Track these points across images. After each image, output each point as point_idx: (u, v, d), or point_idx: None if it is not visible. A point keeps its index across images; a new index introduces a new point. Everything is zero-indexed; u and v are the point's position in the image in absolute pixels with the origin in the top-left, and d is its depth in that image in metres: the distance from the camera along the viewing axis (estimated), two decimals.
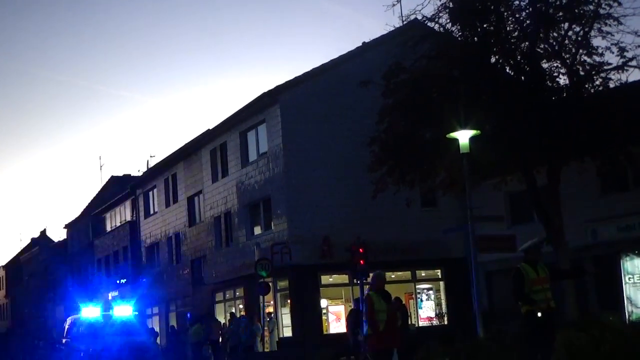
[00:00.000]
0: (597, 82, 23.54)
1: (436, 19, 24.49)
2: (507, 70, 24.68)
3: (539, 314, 12.63)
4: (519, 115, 22.63)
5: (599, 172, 26.38)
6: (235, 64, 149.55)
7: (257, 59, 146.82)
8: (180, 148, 45.59)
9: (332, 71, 35.45)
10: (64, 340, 30.24)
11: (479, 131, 21.20)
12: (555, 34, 23.77)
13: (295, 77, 35.36)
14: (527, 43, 23.97)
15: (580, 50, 23.40)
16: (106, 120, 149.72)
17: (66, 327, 30.57)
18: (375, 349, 14.04)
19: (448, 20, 24.32)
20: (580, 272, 17.92)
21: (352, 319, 23.93)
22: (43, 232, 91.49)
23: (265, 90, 35.41)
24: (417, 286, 36.87)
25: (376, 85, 24.94)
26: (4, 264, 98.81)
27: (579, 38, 23.45)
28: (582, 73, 23.49)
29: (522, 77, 24.17)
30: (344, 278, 33.90)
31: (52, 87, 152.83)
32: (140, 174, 57.32)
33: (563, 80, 24.12)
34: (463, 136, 20.99)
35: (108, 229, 62.47)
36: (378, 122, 25.04)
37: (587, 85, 23.64)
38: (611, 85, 23.48)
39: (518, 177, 24.87)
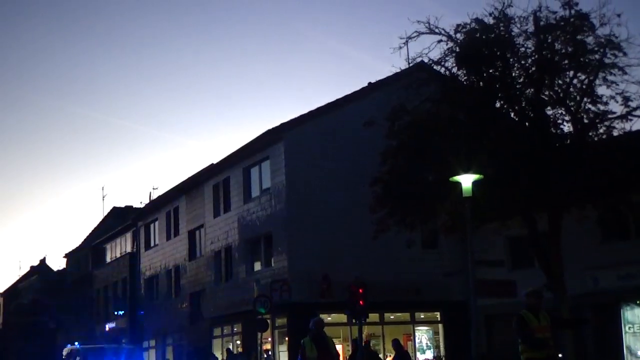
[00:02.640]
0: (601, 131, 23.60)
1: (442, 63, 24.61)
2: (512, 116, 24.77)
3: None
4: (522, 161, 22.69)
5: (601, 219, 26.38)
6: (241, 100, 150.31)
7: (263, 97, 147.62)
8: (183, 181, 45.72)
9: (337, 111, 35.65)
10: None
11: (481, 175, 21.22)
12: (560, 82, 23.88)
13: (301, 116, 35.57)
14: (532, 89, 24.07)
15: (585, 99, 23.50)
16: (110, 151, 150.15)
17: (63, 357, 30.45)
18: None
19: (454, 64, 24.43)
20: (582, 322, 17.85)
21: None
22: (42, 261, 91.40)
23: (270, 127, 35.66)
24: (416, 328, 36.73)
25: (380, 126, 25.05)
26: (1, 291, 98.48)
27: (584, 86, 23.56)
28: (586, 121, 23.55)
29: (527, 123, 24.24)
30: (342, 317, 33.68)
31: (56, 116, 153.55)
32: (142, 205, 57.42)
33: (567, 127, 24.19)
34: (466, 180, 21.00)
35: (108, 259, 62.41)
36: (381, 163, 25.09)
37: (590, 133, 23.69)
38: (615, 133, 23.54)
39: (519, 222, 24.88)
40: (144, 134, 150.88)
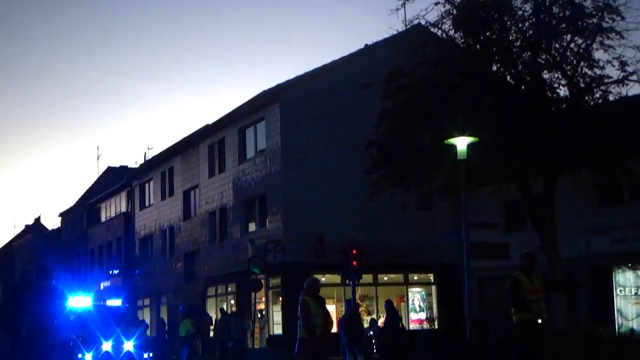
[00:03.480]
0: (597, 95, 23.61)
1: (439, 25, 24.50)
2: (508, 79, 24.74)
3: (539, 321, 12.69)
4: (518, 124, 22.71)
5: (595, 184, 26.46)
6: (238, 60, 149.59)
7: (259, 57, 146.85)
8: (179, 142, 45.67)
9: (333, 72, 35.52)
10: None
11: (477, 138, 21.22)
12: (557, 45, 23.84)
13: (297, 77, 35.45)
14: (528, 53, 24.03)
15: (582, 63, 23.47)
16: (106, 110, 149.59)
17: None
18: (309, 354, 13.90)
19: (451, 27, 24.32)
20: (574, 285, 17.97)
21: (345, 319, 24.33)
22: (37, 219, 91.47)
23: (266, 88, 35.56)
24: (409, 289, 36.98)
25: (377, 88, 24.99)
26: None
27: (581, 50, 23.52)
28: (582, 85, 23.56)
29: (523, 87, 24.22)
30: (336, 278, 33.94)
31: (51, 74, 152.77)
32: (137, 165, 57.39)
33: (563, 91, 24.21)
34: (461, 143, 20.99)
35: (102, 219, 62.50)
36: (377, 125, 25.08)
37: (587, 98, 23.71)
38: (611, 98, 23.57)
39: (514, 185, 24.95)
40: (139, 92, 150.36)
